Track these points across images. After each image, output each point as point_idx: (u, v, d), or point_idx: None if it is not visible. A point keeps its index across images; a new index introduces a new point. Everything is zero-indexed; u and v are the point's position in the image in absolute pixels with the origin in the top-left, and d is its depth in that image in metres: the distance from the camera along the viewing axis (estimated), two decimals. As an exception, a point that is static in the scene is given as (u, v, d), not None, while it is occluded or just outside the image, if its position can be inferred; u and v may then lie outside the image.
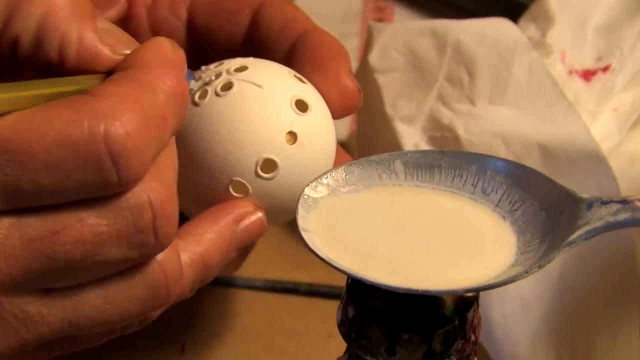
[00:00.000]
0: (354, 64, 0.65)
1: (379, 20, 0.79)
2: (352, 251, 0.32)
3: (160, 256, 0.36)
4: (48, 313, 0.34)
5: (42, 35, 0.35)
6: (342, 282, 0.33)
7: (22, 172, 0.32)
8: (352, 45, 0.75)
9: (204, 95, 0.42)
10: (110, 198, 0.33)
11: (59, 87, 0.34)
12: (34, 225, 0.33)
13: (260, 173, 0.42)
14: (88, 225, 0.33)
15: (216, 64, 0.44)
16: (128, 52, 0.36)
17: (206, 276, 0.41)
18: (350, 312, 0.32)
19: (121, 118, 0.32)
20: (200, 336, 0.56)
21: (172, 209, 0.35)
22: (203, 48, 0.50)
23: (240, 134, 0.42)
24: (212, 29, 0.50)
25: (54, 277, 0.34)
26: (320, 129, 0.44)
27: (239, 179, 0.42)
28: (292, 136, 0.42)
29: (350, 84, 0.46)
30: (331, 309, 0.34)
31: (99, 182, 0.33)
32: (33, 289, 0.34)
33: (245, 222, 0.42)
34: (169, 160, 0.36)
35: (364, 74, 0.61)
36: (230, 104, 0.42)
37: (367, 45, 0.61)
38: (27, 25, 0.35)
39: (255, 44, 0.49)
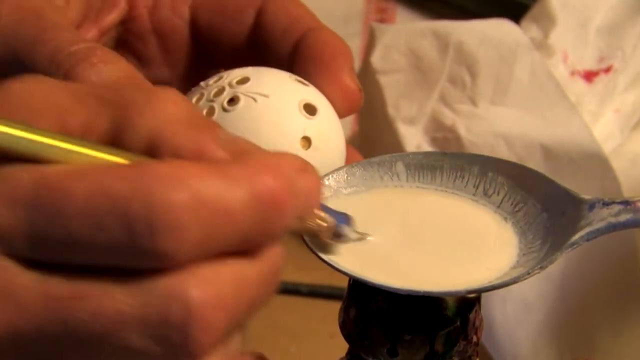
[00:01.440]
0: (356, 65, 0.65)
1: (381, 21, 0.79)
2: (353, 253, 0.32)
3: None
4: None
5: (154, 148, 0.31)
6: (343, 283, 0.33)
7: (56, 215, 0.30)
8: (353, 46, 0.75)
9: (211, 112, 0.42)
10: (142, 277, 0.30)
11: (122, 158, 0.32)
12: (58, 286, 0.30)
13: None
14: (112, 300, 0.30)
15: (215, 77, 0.44)
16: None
17: None
18: (352, 313, 0.32)
19: (169, 186, 0.29)
20: (202, 337, 0.56)
21: (219, 322, 0.30)
22: (207, 48, 0.50)
23: None
24: (216, 28, 0.49)
25: (66, 350, 0.31)
26: (331, 130, 0.44)
27: None
28: (307, 141, 0.43)
29: (351, 84, 0.45)
30: (333, 309, 0.34)
31: (129, 244, 0.29)
32: (39, 357, 0.31)
33: None
34: (236, 275, 0.31)
35: (366, 75, 0.61)
36: (241, 117, 0.42)
37: (369, 46, 0.61)
38: (138, 140, 0.31)
39: (259, 43, 0.49)
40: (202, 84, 0.44)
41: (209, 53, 0.50)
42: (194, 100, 0.42)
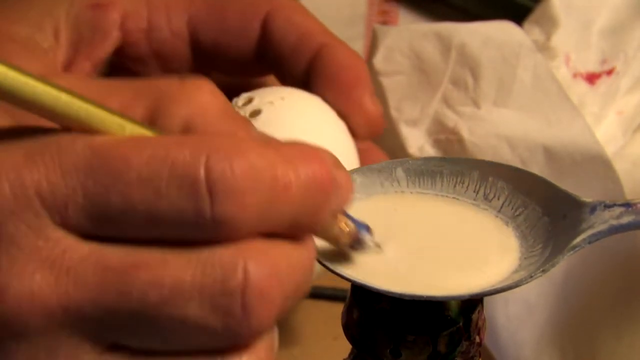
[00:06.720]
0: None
1: (384, 23, 0.79)
2: (356, 258, 0.32)
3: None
4: None
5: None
6: (347, 284, 0.33)
7: (115, 181, 0.29)
8: (357, 49, 0.75)
9: None
10: (201, 247, 0.29)
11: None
12: (114, 255, 0.29)
13: None
14: (170, 269, 0.29)
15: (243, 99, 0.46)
16: None
17: None
18: (355, 314, 0.32)
19: (230, 154, 0.29)
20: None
21: (275, 297, 0.30)
22: (213, 63, 0.49)
23: None
24: (219, 46, 0.48)
25: (123, 325, 0.30)
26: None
27: None
28: None
29: (374, 110, 0.46)
30: (336, 311, 0.34)
31: (190, 210, 0.29)
32: (97, 337, 0.30)
33: None
34: (287, 255, 0.31)
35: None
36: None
37: (371, 48, 0.62)
38: (172, 127, 0.31)
39: (269, 59, 0.48)
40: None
41: (216, 67, 0.50)
42: None
